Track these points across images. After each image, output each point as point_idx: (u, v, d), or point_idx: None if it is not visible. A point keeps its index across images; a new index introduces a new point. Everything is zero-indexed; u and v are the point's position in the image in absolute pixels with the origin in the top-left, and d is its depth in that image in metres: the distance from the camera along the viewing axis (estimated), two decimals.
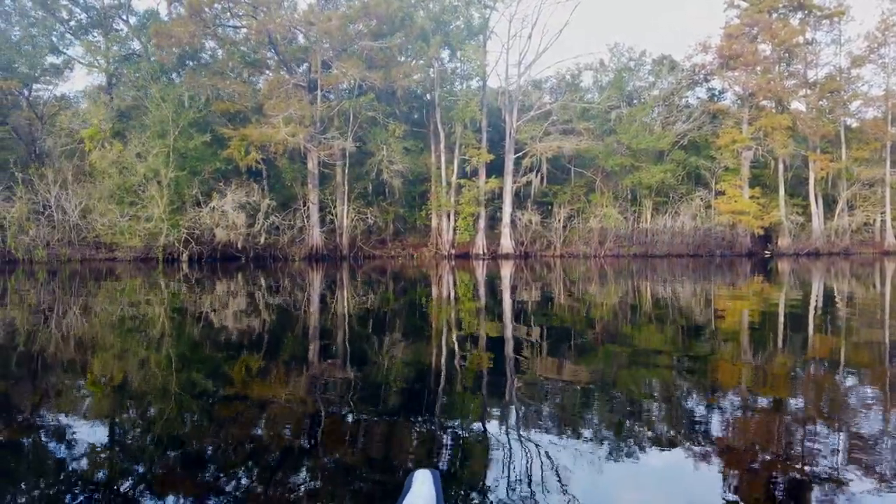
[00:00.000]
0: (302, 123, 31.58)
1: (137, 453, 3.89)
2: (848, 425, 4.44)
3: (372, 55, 31.93)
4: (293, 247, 33.33)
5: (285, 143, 31.04)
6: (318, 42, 32.29)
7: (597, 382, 5.81)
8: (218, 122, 33.21)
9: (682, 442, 4.11)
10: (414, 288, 17.20)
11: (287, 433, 4.35)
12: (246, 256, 31.19)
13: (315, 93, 33.12)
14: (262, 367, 6.47)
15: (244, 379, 5.96)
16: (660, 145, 38.54)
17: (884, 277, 20.70)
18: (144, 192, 29.49)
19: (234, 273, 22.08)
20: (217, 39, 34.87)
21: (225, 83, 32.58)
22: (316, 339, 8.35)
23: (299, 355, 7.27)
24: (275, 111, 31.03)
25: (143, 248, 29.65)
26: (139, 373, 6.21)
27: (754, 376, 6.06)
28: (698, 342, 8.15)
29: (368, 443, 4.14)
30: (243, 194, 31.03)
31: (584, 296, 14.48)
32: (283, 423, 4.56)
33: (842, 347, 7.59)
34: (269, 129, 30.75)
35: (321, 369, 6.38)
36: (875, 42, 40.03)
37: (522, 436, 4.19)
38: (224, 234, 30.07)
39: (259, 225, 31.46)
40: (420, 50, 33.91)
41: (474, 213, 36.50)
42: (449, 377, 6.02)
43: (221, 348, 7.58)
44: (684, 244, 38.46)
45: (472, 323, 10.12)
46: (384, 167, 33.64)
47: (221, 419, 4.67)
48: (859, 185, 41.42)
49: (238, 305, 12.29)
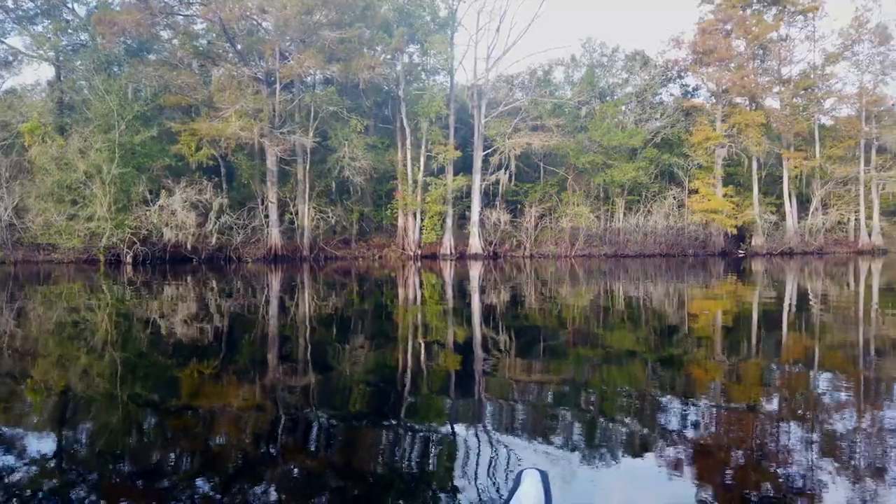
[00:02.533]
0: (257, 118, 31.13)
1: (82, 466, 3.80)
2: (821, 424, 4.61)
3: (334, 47, 31.68)
4: (250, 247, 32.85)
5: (237, 138, 30.54)
6: (276, 32, 31.89)
7: (568, 385, 5.90)
8: (168, 116, 32.50)
9: (655, 443, 4.21)
10: (378, 290, 17.15)
11: (241, 443, 4.31)
12: (198, 258, 30.62)
13: (274, 86, 32.73)
14: (214, 375, 6.38)
15: (195, 387, 5.87)
16: (632, 142, 39.22)
17: (858, 277, 21.48)
18: (87, 190, 28.70)
19: (183, 275, 21.66)
20: (171, 30, 34.17)
21: (172, 74, 31.89)
22: (273, 345, 8.27)
23: (255, 362, 7.19)
24: (226, 104, 30.48)
25: (84, 249, 28.86)
26: (81, 382, 6.06)
27: (727, 377, 6.24)
28: (671, 344, 8.34)
29: (330, 450, 4.13)
30: (195, 192, 30.44)
31: (555, 297, 14.66)
32: (237, 433, 4.51)
33: (815, 348, 7.86)
34: (220, 122, 30.20)
35: (278, 376, 6.33)
36: (849, 39, 41.50)
37: (492, 438, 4.24)
38: (172, 234, 29.45)
39: (211, 224, 30.91)
40: (383, 42, 33.80)
41: (442, 212, 36.57)
42: (414, 382, 6.04)
43: (170, 356, 7.44)
44: (657, 244, 39.22)
45: (439, 326, 10.15)
46: (346, 164, 33.43)
47: (171, 429, 4.59)
48: (833, 184, 42.86)
49: (188, 310, 12.07)
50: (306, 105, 33.03)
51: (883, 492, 3.40)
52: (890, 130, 41.55)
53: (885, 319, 10.54)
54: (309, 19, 31.28)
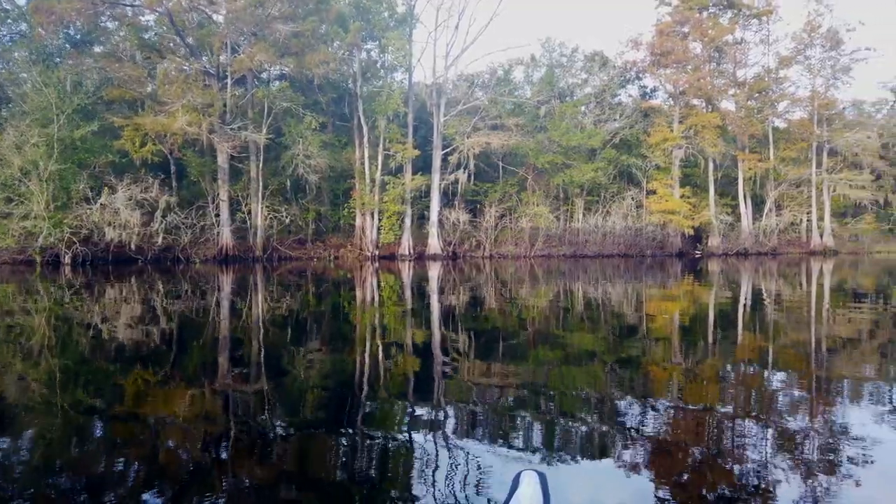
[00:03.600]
0: (206, 113, 30.43)
1: (15, 480, 3.63)
2: (775, 423, 4.76)
3: (287, 42, 31.20)
4: (200, 247, 32.12)
5: (185, 134, 29.81)
6: (227, 25, 31.22)
7: (527, 388, 5.94)
8: (112, 111, 31.50)
9: (615, 442, 4.27)
10: (335, 291, 16.97)
11: (190, 453, 4.19)
12: (144, 258, 29.76)
13: (225, 81, 32.05)
14: (161, 381, 6.20)
15: (140, 394, 5.69)
16: (591, 143, 39.90)
17: (810, 277, 22.32)
18: (23, 187, 27.58)
19: (127, 277, 21.02)
20: (117, 21, 33.10)
21: (114, 66, 30.89)
22: (224, 349, 8.09)
23: (205, 367, 7.02)
24: (172, 98, 29.70)
25: (19, 249, 27.74)
26: (15, 389, 5.80)
27: (684, 377, 6.39)
28: (629, 345, 8.49)
29: (284, 459, 4.05)
30: (140, 190, 29.59)
31: (515, 298, 14.77)
32: (186, 442, 4.39)
33: (769, 348, 8.12)
34: (166, 117, 29.41)
35: (229, 382, 6.19)
36: (801, 43, 43.15)
37: (451, 443, 4.23)
38: (115, 234, 28.55)
39: (157, 224, 30.09)
40: (338, 36, 33.48)
41: (400, 211, 36.49)
42: (372, 387, 5.99)
43: (113, 361, 7.20)
44: (615, 244, 40.01)
45: (397, 328, 10.10)
46: (300, 162, 32.99)
47: (114, 439, 4.44)
48: (787, 185, 44.50)
49: (132, 313, 11.70)
50: (260, 101, 32.49)
51: (834, 487, 3.53)
52: (840, 134, 43.37)
53: (836, 319, 10.97)
54: (261, 12, 30.74)
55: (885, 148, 46.45)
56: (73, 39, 33.61)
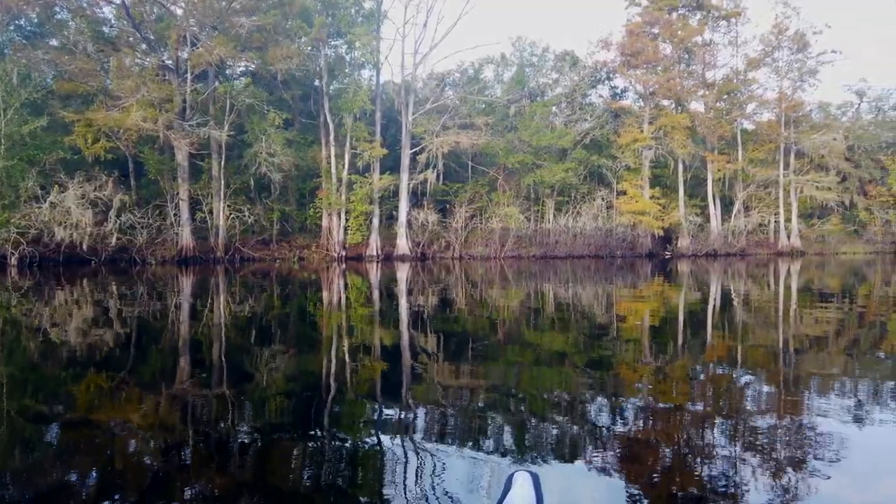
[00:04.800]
0: (163, 108, 29.81)
1: None
2: (745, 423, 4.85)
3: (250, 36, 30.77)
4: (158, 248, 31.46)
5: (139, 130, 29.15)
6: (185, 17, 30.64)
7: (497, 391, 5.94)
8: (65, 105, 30.67)
9: (586, 444, 4.29)
10: (300, 293, 16.78)
11: (147, 462, 4.08)
12: (98, 259, 29.02)
13: (185, 76, 31.46)
14: (115, 387, 6.04)
15: (93, 401, 5.53)
16: (561, 143, 40.29)
17: (778, 278, 22.87)
18: None
19: (79, 279, 20.48)
20: (70, 13, 32.23)
21: (65, 59, 30.07)
22: (183, 354, 7.92)
23: (162, 372, 6.85)
24: (125, 93, 29.02)
25: None
26: None
27: (654, 378, 6.47)
28: (600, 346, 8.57)
29: (244, 468, 3.97)
30: (93, 188, 28.85)
31: (485, 300, 14.81)
32: (142, 451, 4.27)
33: (738, 348, 8.28)
34: (119, 112, 28.71)
35: (187, 387, 6.06)
36: (769, 45, 44.25)
37: (419, 448, 4.20)
38: (66, 234, 27.76)
39: (112, 224, 29.37)
40: (302, 31, 33.14)
41: (368, 211, 36.31)
42: (339, 391, 5.92)
43: (64, 367, 6.99)
44: (586, 245, 40.44)
45: (364, 331, 10.03)
46: (263, 160, 32.56)
47: (66, 448, 4.30)
48: (755, 187, 45.57)
49: (84, 316, 11.39)
50: (222, 97, 31.96)
51: (802, 485, 3.60)
52: (807, 135, 44.58)
53: (803, 319, 11.25)
54: (222, 5, 30.29)
55: (851, 150, 47.87)
56: (24, 31, 32.64)
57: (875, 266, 30.37)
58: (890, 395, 5.68)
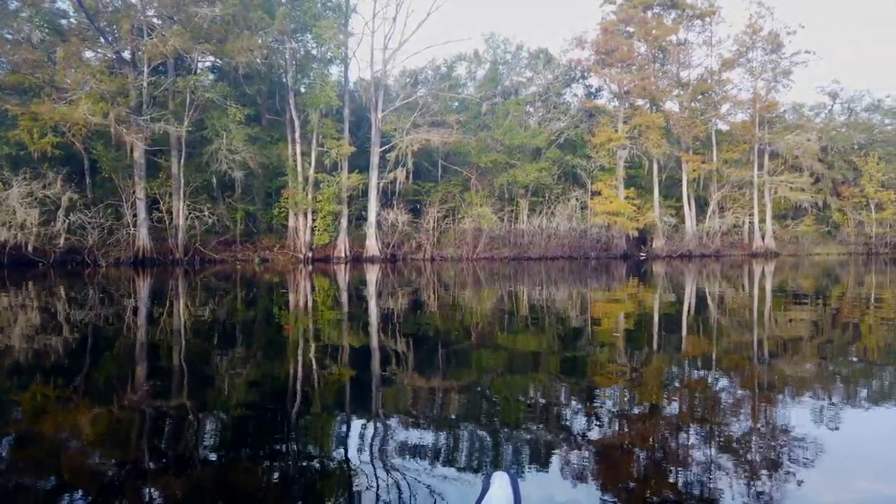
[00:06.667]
0: (115, 102, 29.15)
1: None
2: (719, 424, 4.89)
3: (209, 27, 30.24)
4: (113, 249, 30.76)
5: (87, 124, 28.47)
6: (141, 6, 30.00)
7: (469, 396, 5.91)
8: (9, 98, 29.85)
9: (558, 452, 4.28)
10: (263, 296, 16.55)
11: (92, 478, 3.95)
12: (46, 261, 28.27)
13: (141, 68, 30.82)
14: (63, 398, 5.85)
15: (39, 412, 5.35)
16: (535, 142, 40.53)
17: (752, 279, 23.28)
18: None
19: (24, 282, 19.92)
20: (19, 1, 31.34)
21: (7, 49, 29.23)
22: (139, 361, 7.73)
23: (115, 381, 6.67)
24: (72, 85, 28.32)
25: None
26: None
27: (629, 380, 6.50)
28: (574, 349, 8.60)
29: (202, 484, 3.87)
30: (40, 186, 28.08)
31: (458, 302, 14.78)
32: (87, 466, 4.13)
33: (712, 350, 8.38)
34: (66, 106, 28.02)
35: (139, 398, 5.90)
36: (743, 45, 45.13)
37: (387, 460, 4.14)
38: (10, 235, 26.93)
39: (60, 223, 28.61)
40: (264, 23, 32.72)
41: (336, 211, 36.00)
42: (305, 400, 5.83)
43: (5, 376, 6.76)
44: (560, 246, 40.72)
45: (332, 336, 9.92)
46: (223, 157, 32.07)
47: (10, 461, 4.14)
48: (729, 187, 46.43)
49: (29, 322, 11.06)
50: (182, 91, 31.39)
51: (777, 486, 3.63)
52: (781, 136, 45.57)
53: (777, 321, 11.45)
54: None
55: (824, 151, 49.09)
56: None
57: (848, 267, 31.14)
58: (863, 396, 5.79)
